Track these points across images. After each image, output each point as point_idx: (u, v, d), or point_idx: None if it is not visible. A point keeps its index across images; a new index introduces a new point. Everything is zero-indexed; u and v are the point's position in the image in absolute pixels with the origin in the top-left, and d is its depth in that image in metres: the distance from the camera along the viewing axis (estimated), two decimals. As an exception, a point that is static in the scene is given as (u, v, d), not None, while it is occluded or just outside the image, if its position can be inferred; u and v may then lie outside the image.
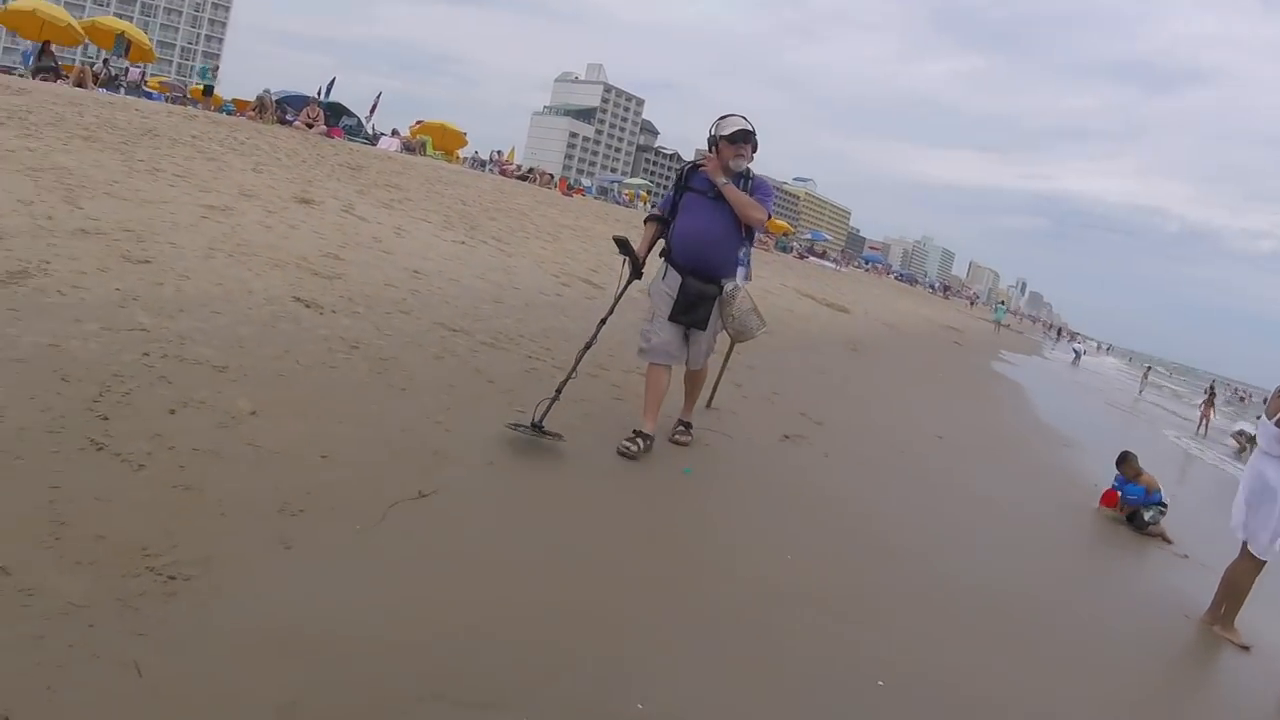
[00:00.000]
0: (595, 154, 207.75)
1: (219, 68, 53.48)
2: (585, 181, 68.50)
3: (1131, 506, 7.71)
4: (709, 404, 6.66)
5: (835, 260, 63.27)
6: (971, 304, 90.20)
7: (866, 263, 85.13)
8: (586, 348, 5.20)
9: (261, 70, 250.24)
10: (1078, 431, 13.96)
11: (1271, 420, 5.27)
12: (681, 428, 5.88)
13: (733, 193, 5.29)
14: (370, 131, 32.42)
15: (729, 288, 5.39)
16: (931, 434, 9.28)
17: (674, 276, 5.44)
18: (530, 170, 43.83)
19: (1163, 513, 7.66)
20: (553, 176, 47.76)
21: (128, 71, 25.21)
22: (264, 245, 7.37)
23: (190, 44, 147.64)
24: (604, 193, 54.20)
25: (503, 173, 38.05)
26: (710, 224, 5.35)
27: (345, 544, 3.29)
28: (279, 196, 9.94)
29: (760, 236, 46.38)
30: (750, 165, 5.40)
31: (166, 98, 25.00)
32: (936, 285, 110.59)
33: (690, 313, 5.37)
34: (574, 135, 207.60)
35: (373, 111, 35.63)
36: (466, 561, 3.45)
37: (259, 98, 23.50)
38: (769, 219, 5.61)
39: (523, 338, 7.29)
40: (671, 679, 3.03)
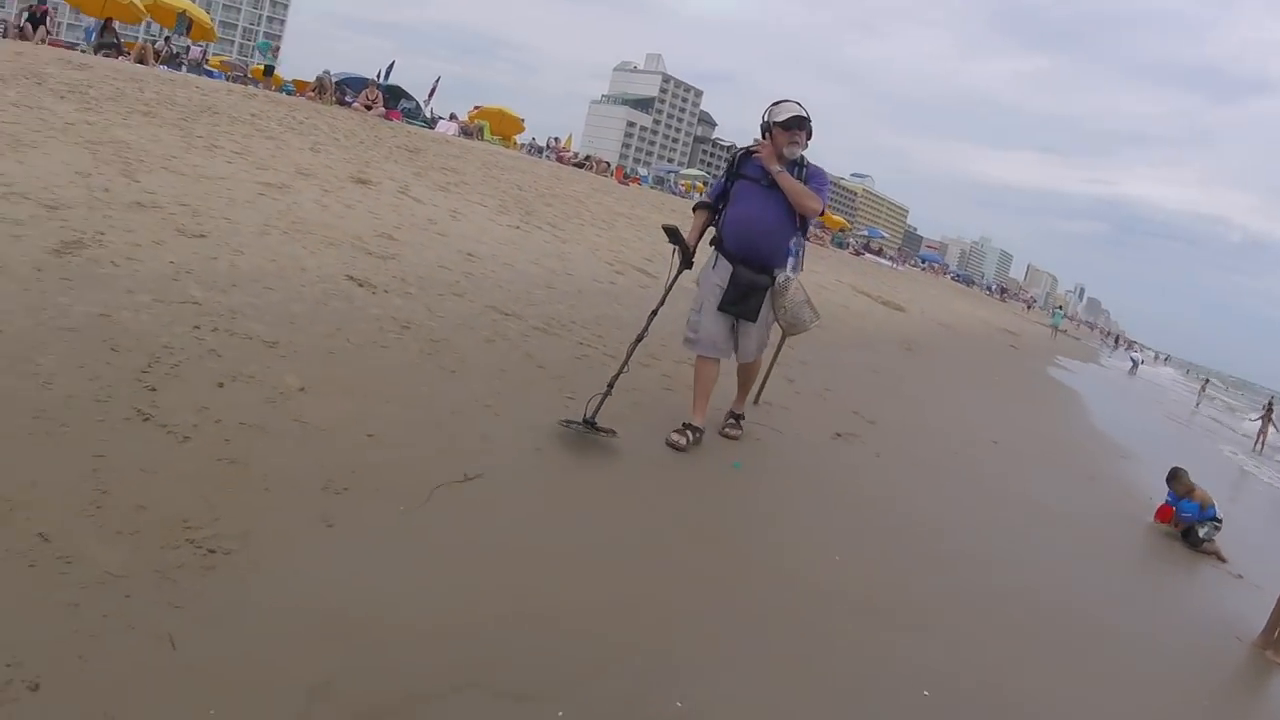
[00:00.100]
0: (652, 144, 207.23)
1: (279, 48, 54.07)
2: (642, 171, 68.23)
3: (1186, 523, 7.47)
4: (757, 400, 6.48)
5: (892, 258, 62.56)
6: (1028, 307, 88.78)
7: (923, 261, 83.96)
8: (638, 340, 5.05)
9: (322, 53, 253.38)
10: (1134, 442, 13.59)
11: None
12: (732, 420, 5.73)
13: (787, 180, 5.10)
14: (428, 115, 32.58)
15: (781, 278, 5.22)
16: (986, 438, 9.05)
17: (724, 266, 5.27)
18: (587, 158, 43.77)
19: (1217, 528, 7.40)
20: (609, 165, 47.65)
21: (189, 50, 25.57)
22: (319, 224, 7.38)
23: (252, 25, 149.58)
24: (660, 182, 53.96)
25: (559, 159, 38.02)
26: (763, 212, 5.16)
27: (388, 525, 3.23)
28: (336, 176, 9.99)
29: (816, 231, 46.09)
30: (805, 153, 5.21)
31: (227, 76, 25.30)
32: (993, 287, 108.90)
33: (741, 303, 5.21)
34: (631, 124, 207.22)
35: (431, 95, 35.80)
36: (509, 548, 3.39)
37: (318, 78, 23.71)
38: (824, 210, 5.36)
39: (574, 324, 7.22)
40: (713, 677, 2.94)
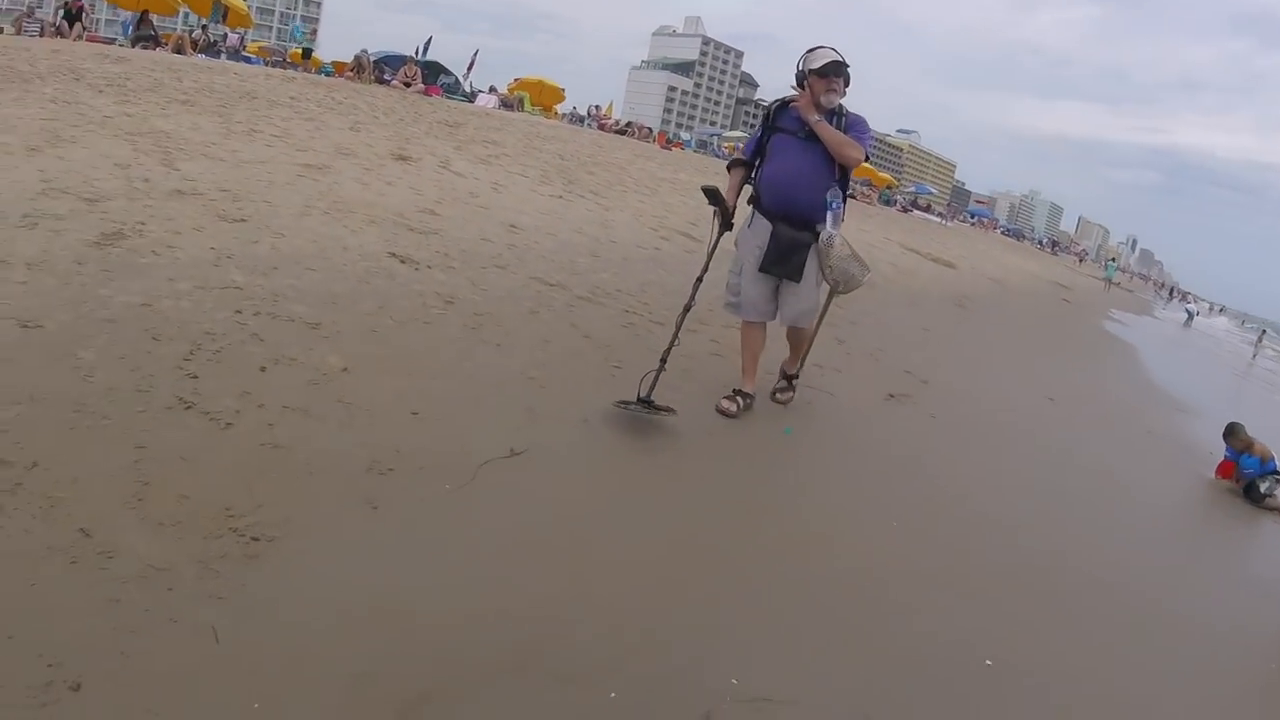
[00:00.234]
0: (694, 108, 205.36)
1: (316, 31, 54.32)
2: (684, 135, 67.75)
3: (1248, 479, 7.24)
4: (802, 364, 6.21)
5: (941, 214, 61.57)
6: (1080, 260, 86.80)
7: (972, 217, 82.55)
8: (686, 310, 4.85)
9: (360, 34, 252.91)
10: (1193, 396, 13.19)
11: None
12: (784, 383, 5.54)
13: (826, 130, 4.81)
14: (468, 89, 32.50)
15: (825, 235, 4.95)
16: (1042, 396, 8.84)
17: (763, 225, 5.03)
18: (628, 124, 43.51)
19: (1279, 482, 7.18)
20: (651, 130, 47.35)
21: (226, 37, 25.63)
22: (360, 202, 7.34)
23: (289, 9, 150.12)
24: (703, 146, 53.56)
25: (601, 127, 37.82)
26: (801, 165, 4.89)
27: (434, 505, 3.18)
28: (376, 154, 9.94)
29: (863, 189, 45.49)
30: (843, 102, 4.94)
31: (266, 61, 25.39)
32: (1044, 241, 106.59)
33: (783, 263, 4.97)
34: (672, 89, 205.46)
35: (470, 69, 35.65)
36: (557, 525, 3.32)
37: (356, 58, 23.71)
38: (866, 158, 5.09)
39: (620, 292, 7.11)
40: (769, 654, 2.85)
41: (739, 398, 5.05)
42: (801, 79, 4.90)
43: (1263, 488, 7.05)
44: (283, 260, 5.32)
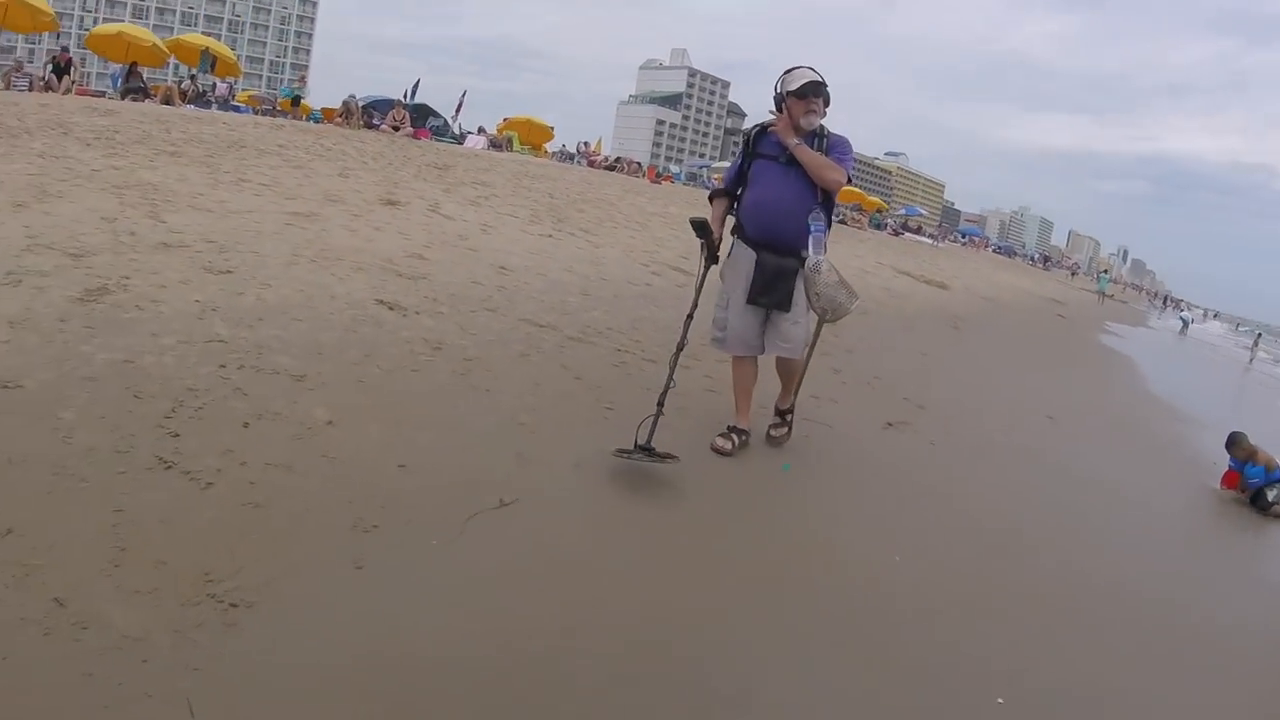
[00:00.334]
0: (683, 140, 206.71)
1: (305, 78, 54.69)
2: (674, 168, 68.13)
3: (1254, 488, 7.16)
4: (795, 395, 6.14)
5: (932, 235, 61.70)
6: (1073, 274, 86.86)
7: (963, 236, 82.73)
8: (679, 350, 4.69)
9: (350, 78, 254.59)
10: (1193, 406, 13.14)
11: None
12: (777, 419, 5.34)
13: (805, 153, 4.67)
14: (457, 131, 32.67)
15: (811, 262, 4.74)
16: (1042, 414, 8.76)
17: (746, 254, 4.89)
18: (618, 160, 43.73)
19: None
20: (640, 165, 47.58)
21: (214, 87, 25.80)
22: (348, 249, 7.31)
23: (278, 57, 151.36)
24: (693, 178, 53.78)
25: (590, 164, 38.00)
26: (783, 191, 4.75)
27: (421, 561, 3.09)
28: (364, 200, 9.95)
29: (854, 214, 45.47)
30: (824, 123, 4.81)
31: (256, 110, 25.54)
32: (1036, 256, 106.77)
33: (770, 293, 4.79)
34: (660, 122, 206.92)
35: (458, 111, 35.87)
36: (550, 574, 3.23)
37: (344, 103, 23.86)
38: (849, 180, 4.95)
39: (611, 330, 7.06)
40: (774, 693, 2.78)
41: (734, 435, 4.96)
42: (779, 101, 4.77)
43: (1270, 495, 6.97)
44: (268, 311, 5.27)
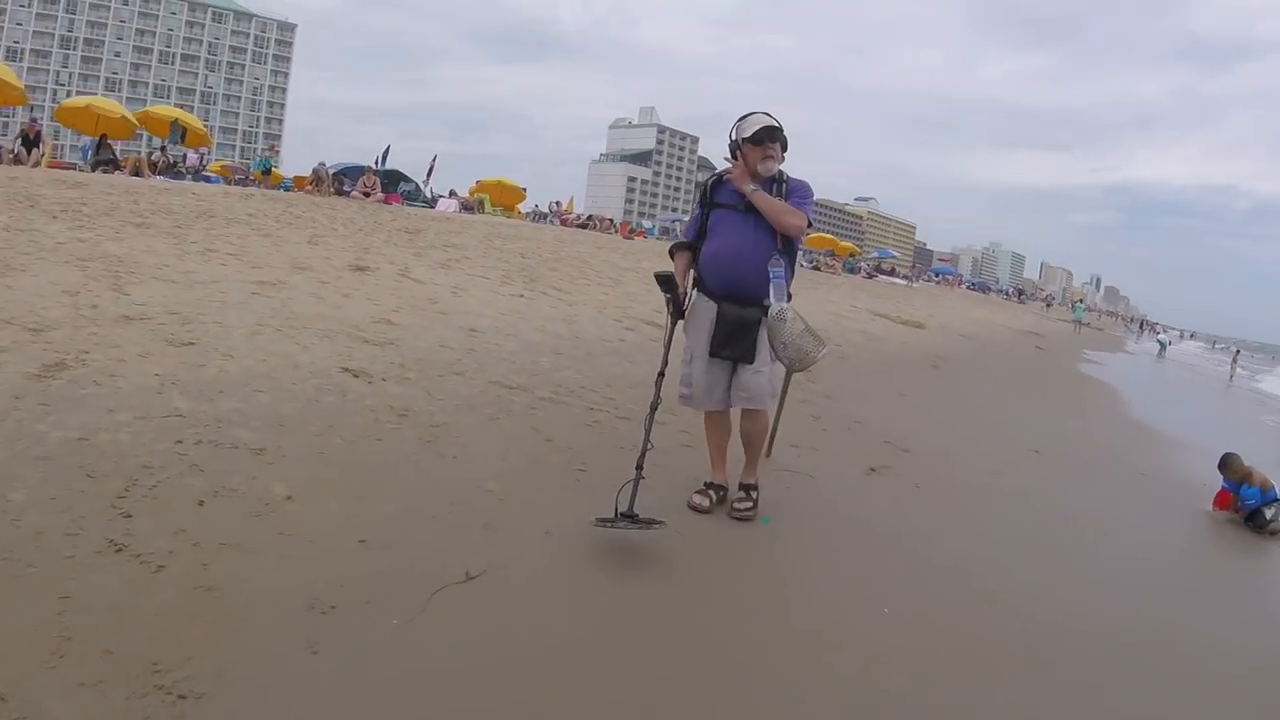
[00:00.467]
0: (655, 195, 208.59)
1: (275, 147, 55.14)
2: (646, 223, 68.78)
3: (1249, 509, 7.05)
4: (769, 453, 5.83)
5: (906, 276, 62.21)
6: (1048, 306, 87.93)
7: (937, 275, 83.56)
8: (653, 410, 4.53)
9: (323, 145, 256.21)
10: (1177, 428, 13.16)
11: None
12: (741, 494, 4.90)
13: (763, 199, 4.56)
14: (428, 195, 32.80)
15: (775, 310, 4.56)
16: (1026, 449, 8.69)
17: (707, 305, 4.72)
18: (590, 218, 44.05)
19: None
20: (613, 221, 48.03)
21: (185, 157, 25.83)
22: (314, 316, 7.20)
23: (251, 127, 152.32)
24: (666, 232, 54.44)
25: (563, 223, 38.25)
26: (741, 240, 4.61)
27: (380, 642, 2.93)
28: (333, 266, 9.87)
29: (827, 260, 45.69)
30: (783, 168, 4.71)
31: (228, 180, 25.58)
32: (1010, 291, 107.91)
33: (732, 344, 4.62)
34: (632, 179, 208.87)
35: (429, 175, 36.12)
36: (518, 655, 3.06)
37: (315, 171, 23.96)
38: (809, 225, 4.79)
39: (584, 389, 6.94)
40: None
41: (711, 491, 4.83)
42: (735, 149, 4.67)
43: (1268, 514, 6.88)
44: (229, 383, 5.14)
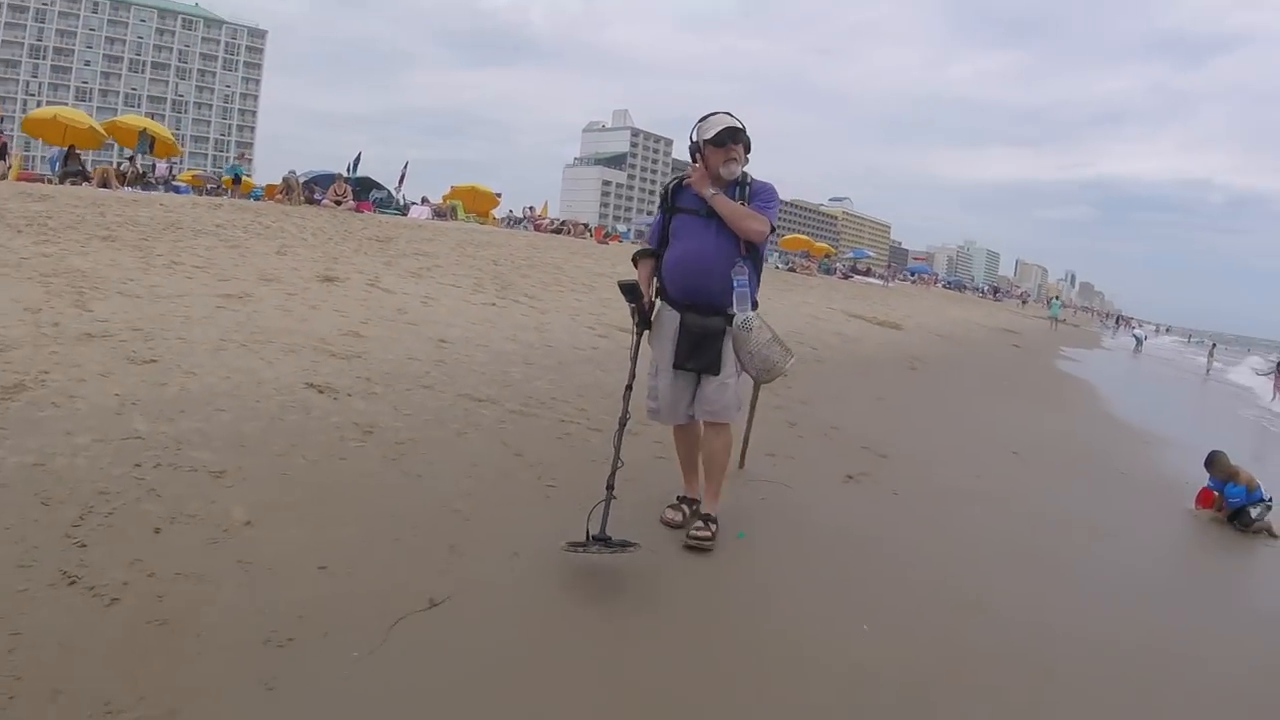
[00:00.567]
0: (629, 198, 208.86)
1: (246, 155, 55.01)
2: (621, 227, 68.78)
3: (1235, 508, 7.06)
4: (740, 465, 5.83)
5: (882, 276, 62.46)
6: (1023, 303, 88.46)
7: (913, 274, 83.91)
8: (622, 425, 4.34)
9: (294, 153, 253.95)
10: (1157, 425, 13.24)
11: None
12: (699, 524, 4.58)
13: (723, 204, 4.36)
14: (401, 202, 32.63)
15: (740, 319, 4.39)
16: (1005, 450, 8.68)
17: (671, 315, 4.54)
18: (563, 223, 44.00)
19: (1269, 508, 7.01)
20: (587, 226, 48.00)
21: (154, 167, 25.57)
22: (280, 330, 7.08)
23: (223, 135, 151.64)
24: (640, 235, 54.26)
25: (537, 228, 38.16)
26: (704, 246, 4.41)
27: (339, 676, 2.84)
28: (301, 278, 9.75)
29: (803, 261, 45.74)
30: (748, 169, 4.50)
31: (198, 189, 25.37)
32: (985, 288, 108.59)
33: (696, 356, 4.43)
34: (606, 183, 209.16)
35: (401, 182, 35.95)
36: (484, 686, 2.96)
37: (285, 179, 23.74)
38: (772, 229, 4.58)
39: (555, 400, 6.84)
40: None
41: (684, 505, 4.74)
42: (696, 151, 4.46)
43: (1253, 513, 6.91)
44: (191, 402, 5.02)
